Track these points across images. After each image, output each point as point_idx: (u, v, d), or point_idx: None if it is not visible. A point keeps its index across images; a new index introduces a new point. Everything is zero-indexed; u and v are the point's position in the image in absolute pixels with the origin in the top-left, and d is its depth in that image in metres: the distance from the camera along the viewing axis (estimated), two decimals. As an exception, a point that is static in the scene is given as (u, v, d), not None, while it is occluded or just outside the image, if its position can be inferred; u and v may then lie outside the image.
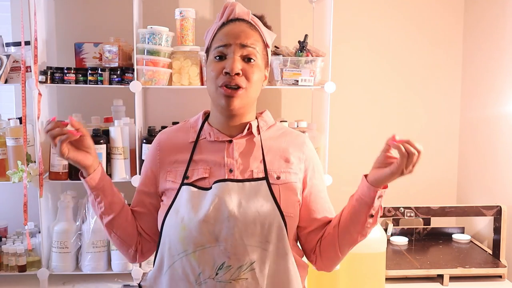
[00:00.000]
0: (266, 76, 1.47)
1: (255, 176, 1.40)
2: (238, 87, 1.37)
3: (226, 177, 1.39)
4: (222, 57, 1.39)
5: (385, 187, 1.36)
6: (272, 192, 1.38)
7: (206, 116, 1.51)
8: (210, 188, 1.38)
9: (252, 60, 1.39)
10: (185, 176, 1.41)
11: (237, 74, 1.36)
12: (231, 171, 1.40)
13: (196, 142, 1.45)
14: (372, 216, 1.37)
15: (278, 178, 1.41)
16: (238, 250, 1.33)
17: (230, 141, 1.44)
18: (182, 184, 1.40)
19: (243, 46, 1.38)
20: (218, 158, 1.42)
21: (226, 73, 1.36)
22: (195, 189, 1.38)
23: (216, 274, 1.33)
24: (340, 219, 1.43)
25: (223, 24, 1.43)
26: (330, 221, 1.47)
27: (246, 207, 1.35)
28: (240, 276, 1.33)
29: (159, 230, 1.42)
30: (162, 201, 1.45)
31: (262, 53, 1.42)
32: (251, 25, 1.42)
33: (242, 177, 1.39)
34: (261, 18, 1.47)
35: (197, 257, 1.34)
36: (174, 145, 1.47)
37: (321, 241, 1.46)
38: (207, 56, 1.45)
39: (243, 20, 1.42)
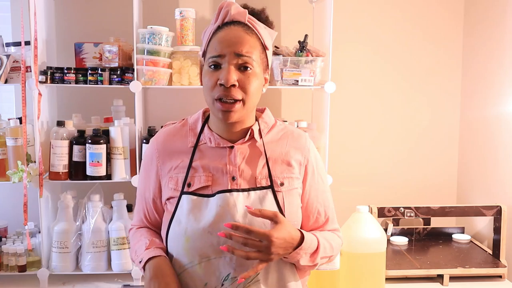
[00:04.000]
0: (267, 79, 1.41)
1: (258, 182, 1.37)
2: (234, 101, 1.31)
3: (230, 186, 1.35)
4: (217, 66, 1.32)
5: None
6: (277, 201, 1.36)
7: (206, 117, 1.46)
8: (212, 195, 1.34)
9: (248, 69, 1.32)
10: (186, 184, 1.37)
11: (233, 85, 1.30)
12: (233, 178, 1.36)
13: (195, 146, 1.40)
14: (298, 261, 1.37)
15: (282, 184, 1.38)
16: (243, 262, 1.31)
17: (232, 147, 1.39)
18: (183, 192, 1.36)
19: (238, 55, 1.31)
20: (220, 165, 1.37)
21: (221, 84, 1.30)
22: (196, 197, 1.35)
23: (222, 285, 1.32)
24: None
25: (219, 28, 1.36)
26: (321, 227, 1.47)
27: (251, 218, 1.31)
28: (246, 287, 1.33)
29: (164, 240, 1.40)
30: (166, 205, 1.42)
31: (260, 58, 1.36)
32: (248, 28, 1.35)
33: (245, 184, 1.36)
34: (261, 13, 1.40)
35: (203, 268, 1.32)
36: (172, 150, 1.42)
37: None
38: (204, 59, 1.39)
39: (239, 22, 1.35)
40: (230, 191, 1.34)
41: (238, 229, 1.25)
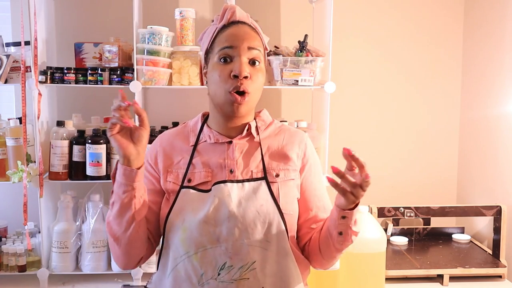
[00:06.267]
0: None
1: (254, 176, 1.41)
2: (244, 93, 1.36)
3: (227, 178, 1.39)
4: (227, 59, 1.37)
5: (352, 208, 1.30)
6: (271, 191, 1.39)
7: (205, 118, 1.51)
8: (210, 190, 1.38)
9: (257, 63, 1.39)
10: (186, 179, 1.41)
11: (246, 77, 1.36)
12: (231, 171, 1.40)
13: (196, 145, 1.45)
14: (341, 233, 1.33)
15: (277, 176, 1.42)
16: (239, 250, 1.33)
17: (230, 142, 1.44)
18: (182, 186, 1.40)
19: (250, 48, 1.38)
20: (219, 160, 1.42)
21: (235, 76, 1.35)
22: (194, 191, 1.39)
23: (218, 274, 1.34)
24: (321, 229, 1.41)
25: (224, 27, 1.42)
26: (320, 220, 1.47)
27: (245, 207, 1.35)
28: (242, 276, 1.34)
29: (162, 232, 1.42)
30: (167, 199, 1.44)
31: (263, 56, 1.43)
32: (252, 28, 1.43)
33: (242, 177, 1.40)
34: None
35: (199, 258, 1.34)
36: (174, 147, 1.47)
37: (309, 242, 1.46)
38: (207, 58, 1.44)
39: (244, 23, 1.42)
40: (225, 181, 1.38)
41: (353, 160, 1.28)
